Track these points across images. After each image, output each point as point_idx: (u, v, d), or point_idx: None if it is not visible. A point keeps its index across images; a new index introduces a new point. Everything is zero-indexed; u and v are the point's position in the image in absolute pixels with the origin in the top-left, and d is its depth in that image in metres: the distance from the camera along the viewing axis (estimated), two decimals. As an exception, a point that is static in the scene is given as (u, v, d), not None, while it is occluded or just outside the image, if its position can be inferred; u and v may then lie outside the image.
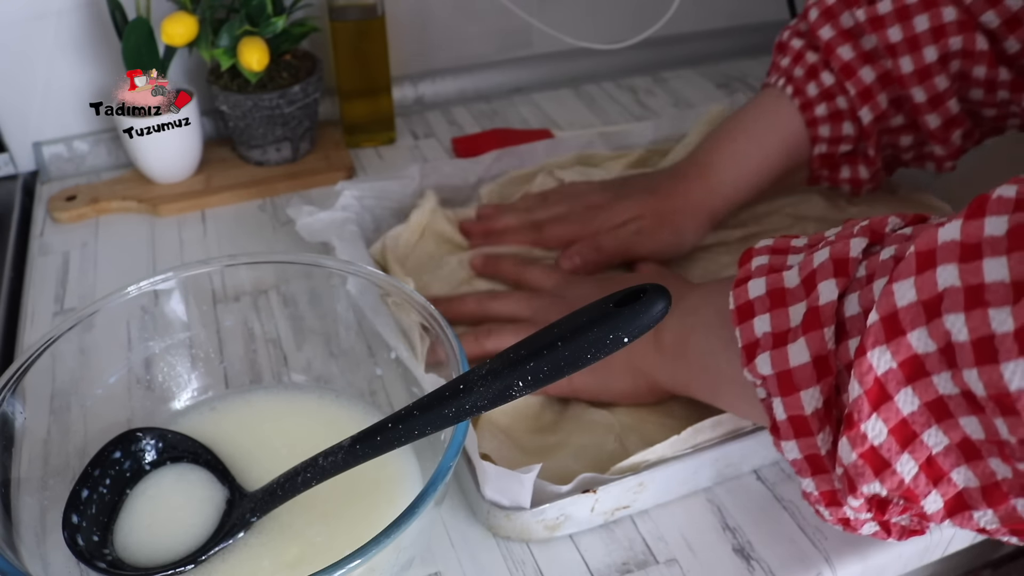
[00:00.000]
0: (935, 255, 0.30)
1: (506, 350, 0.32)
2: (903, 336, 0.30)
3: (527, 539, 0.44)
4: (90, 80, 0.72)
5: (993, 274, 0.29)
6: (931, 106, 0.55)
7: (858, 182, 0.61)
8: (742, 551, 0.43)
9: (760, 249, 0.40)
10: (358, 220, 0.61)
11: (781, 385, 0.35)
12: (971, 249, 0.29)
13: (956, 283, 0.29)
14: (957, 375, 0.30)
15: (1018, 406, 0.28)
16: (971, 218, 0.30)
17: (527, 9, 0.81)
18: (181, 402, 0.46)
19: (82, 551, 0.38)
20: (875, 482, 0.32)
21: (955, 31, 0.53)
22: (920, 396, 0.31)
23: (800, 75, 0.58)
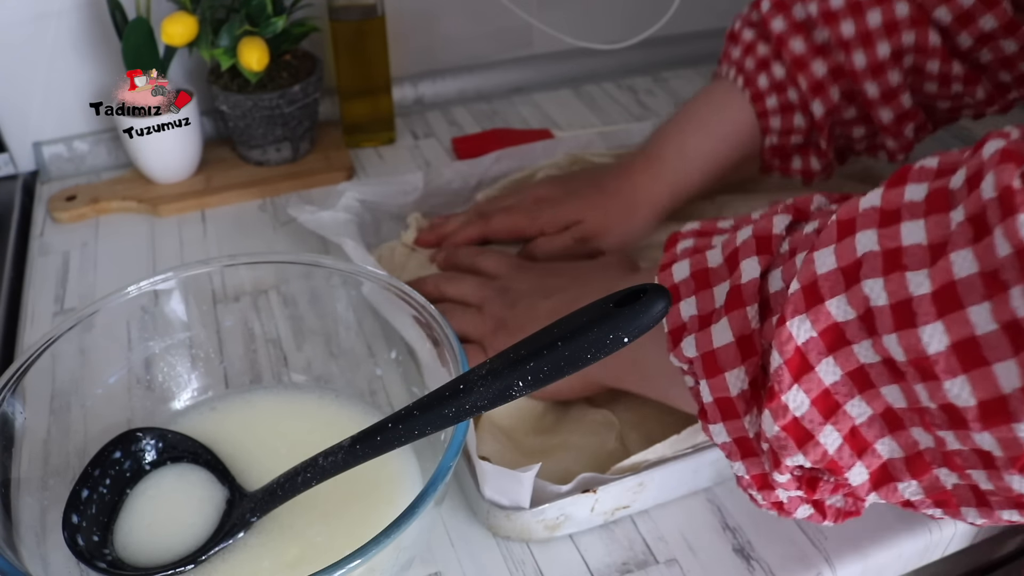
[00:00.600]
0: (855, 222, 0.30)
1: (506, 350, 0.32)
2: (822, 304, 0.30)
3: (527, 539, 0.44)
4: (90, 80, 0.72)
5: (911, 237, 0.28)
6: (884, 100, 0.55)
7: (809, 173, 0.61)
8: (742, 551, 0.43)
9: (686, 233, 0.40)
10: (359, 221, 0.61)
11: (706, 367, 0.35)
12: (890, 215, 0.29)
13: (875, 248, 0.29)
14: (877, 342, 0.29)
15: (936, 370, 0.28)
16: (892, 186, 0.30)
17: (527, 9, 0.81)
18: (181, 402, 0.46)
19: (82, 551, 0.38)
20: (798, 454, 0.32)
21: (908, 26, 0.53)
22: (841, 366, 0.30)
23: (751, 67, 0.58)
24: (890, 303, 0.28)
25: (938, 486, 0.32)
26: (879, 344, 0.29)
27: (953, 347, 0.27)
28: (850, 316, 0.30)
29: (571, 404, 0.50)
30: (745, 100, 0.58)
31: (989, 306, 0.26)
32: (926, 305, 0.28)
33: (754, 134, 0.59)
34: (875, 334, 0.29)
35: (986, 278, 0.26)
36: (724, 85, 0.60)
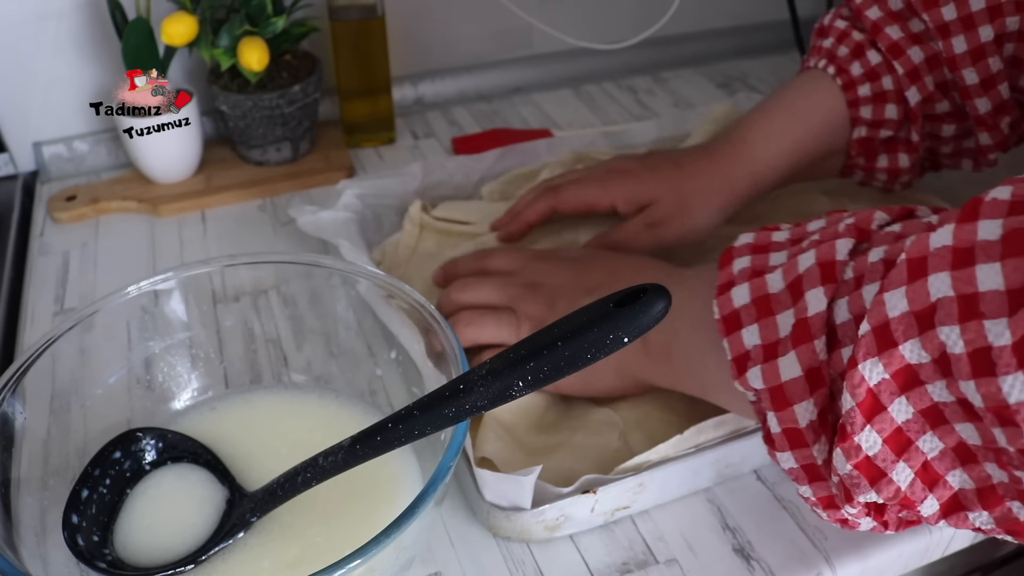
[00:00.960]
0: (927, 263, 0.30)
1: (506, 350, 0.32)
2: (895, 348, 0.30)
3: (527, 539, 0.43)
4: (90, 80, 0.72)
5: (988, 282, 0.28)
6: (983, 88, 0.53)
7: (896, 171, 0.58)
8: (742, 551, 0.43)
9: (740, 248, 0.39)
10: (360, 219, 0.61)
11: (774, 400, 0.34)
12: (964, 255, 0.28)
13: (949, 293, 0.28)
14: (952, 384, 0.29)
15: (1017, 418, 0.27)
16: (964, 222, 0.29)
17: (527, 9, 0.81)
18: (181, 402, 0.46)
19: (82, 551, 0.38)
20: (871, 492, 0.32)
21: (1012, 11, 0.51)
22: (914, 404, 0.30)
23: (844, 54, 0.56)
24: (967, 351, 0.28)
25: (1010, 517, 0.31)
26: (954, 386, 0.29)
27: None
28: (924, 360, 0.29)
29: (574, 402, 0.50)
30: (836, 88, 0.56)
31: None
32: (1007, 356, 0.27)
33: (843, 124, 0.57)
34: (950, 376, 0.29)
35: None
36: (814, 75, 0.57)
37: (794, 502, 0.45)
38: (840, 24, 0.58)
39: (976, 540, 0.47)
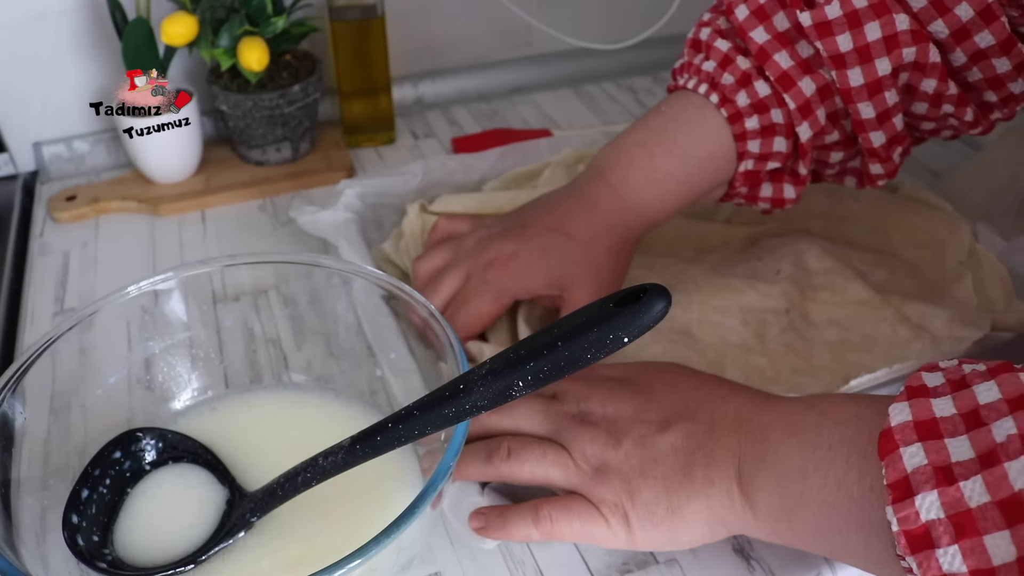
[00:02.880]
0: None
1: (506, 350, 0.32)
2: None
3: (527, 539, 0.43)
4: (90, 80, 0.72)
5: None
6: (878, 122, 0.50)
7: (780, 202, 0.55)
8: (742, 551, 0.43)
9: (902, 430, 0.31)
10: (360, 219, 0.61)
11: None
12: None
13: None
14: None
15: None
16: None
17: (527, 9, 0.81)
18: (181, 402, 0.46)
19: (82, 551, 0.38)
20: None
21: (909, 41, 0.48)
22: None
23: (730, 83, 0.51)
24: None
25: None
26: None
27: None
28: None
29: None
30: (720, 120, 0.51)
31: None
32: None
33: (730, 159, 0.52)
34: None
35: None
36: (694, 101, 0.52)
37: (794, 502, 0.45)
38: (722, 45, 0.52)
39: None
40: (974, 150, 0.75)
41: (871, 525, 0.32)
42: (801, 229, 0.62)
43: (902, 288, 0.56)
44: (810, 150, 0.52)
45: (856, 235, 0.61)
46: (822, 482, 0.34)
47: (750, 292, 0.54)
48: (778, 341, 0.53)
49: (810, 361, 0.52)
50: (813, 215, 0.63)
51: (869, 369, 0.48)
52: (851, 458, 0.34)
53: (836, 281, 0.55)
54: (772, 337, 0.53)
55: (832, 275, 0.55)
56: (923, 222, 0.60)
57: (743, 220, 0.63)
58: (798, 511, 0.36)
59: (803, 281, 0.55)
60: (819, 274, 0.55)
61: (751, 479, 0.37)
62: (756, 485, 0.37)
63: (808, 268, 0.56)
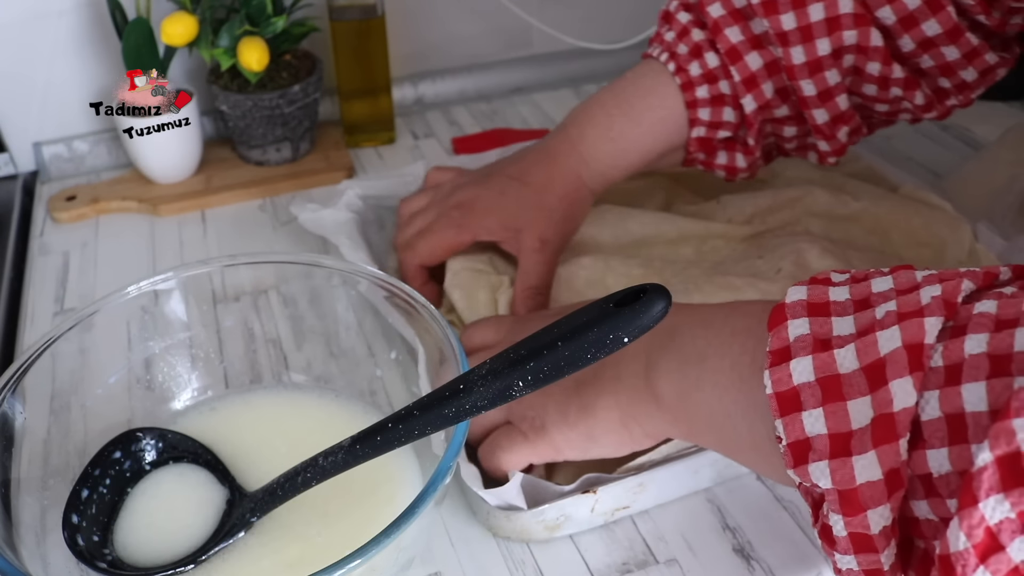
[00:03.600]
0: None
1: (506, 350, 0.32)
2: (1019, 476, 0.25)
3: (527, 539, 0.43)
4: (90, 80, 0.72)
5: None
6: (820, 100, 0.53)
7: (733, 170, 0.58)
8: (742, 551, 0.43)
9: (794, 307, 0.32)
10: (361, 219, 0.61)
11: (844, 502, 0.30)
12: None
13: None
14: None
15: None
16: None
17: (527, 9, 0.81)
18: (181, 402, 0.46)
19: (82, 551, 0.38)
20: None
21: (851, 24, 0.51)
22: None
23: (684, 52, 0.55)
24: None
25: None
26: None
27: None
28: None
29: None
30: (675, 88, 0.55)
31: None
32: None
33: (681, 124, 0.56)
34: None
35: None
36: (655, 68, 0.56)
37: (794, 502, 0.45)
38: (683, 17, 0.56)
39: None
40: (974, 150, 0.75)
41: (755, 407, 0.33)
42: (801, 228, 0.62)
43: (902, 288, 0.56)
44: (756, 122, 0.55)
45: (856, 234, 0.61)
46: (718, 365, 0.35)
47: (750, 291, 0.54)
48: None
49: (810, 361, 0.52)
50: (813, 214, 0.63)
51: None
52: (748, 342, 0.34)
53: (836, 280, 0.55)
54: (772, 337, 0.53)
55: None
56: (923, 222, 0.60)
57: (743, 219, 0.63)
58: (693, 395, 0.37)
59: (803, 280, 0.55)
60: (819, 273, 0.55)
61: (655, 367, 0.38)
62: (659, 371, 0.38)
63: (808, 267, 0.56)
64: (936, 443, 0.28)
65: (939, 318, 0.29)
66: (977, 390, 0.27)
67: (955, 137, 0.78)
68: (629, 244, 0.60)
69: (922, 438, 0.28)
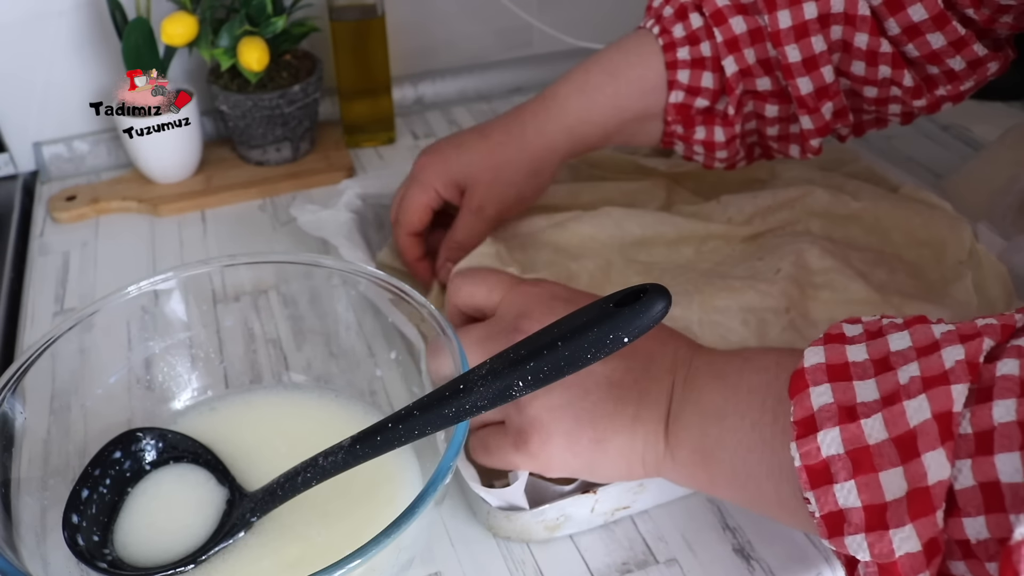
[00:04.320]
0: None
1: (506, 350, 0.32)
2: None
3: (527, 539, 0.43)
4: (90, 80, 0.72)
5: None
6: (805, 68, 0.52)
7: (712, 146, 0.57)
8: (742, 551, 0.43)
9: (814, 372, 0.32)
10: (361, 219, 0.61)
11: (883, 574, 0.29)
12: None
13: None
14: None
15: None
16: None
17: (527, 9, 0.81)
18: (181, 402, 0.46)
19: (82, 551, 0.38)
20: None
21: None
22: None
23: (669, 15, 0.55)
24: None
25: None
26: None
27: None
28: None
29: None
30: (657, 48, 0.55)
31: None
32: None
33: (660, 86, 0.56)
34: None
35: None
36: (640, 34, 0.57)
37: (794, 502, 0.45)
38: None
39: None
40: (974, 150, 0.75)
41: (781, 469, 0.33)
42: (802, 228, 0.62)
43: (902, 288, 0.56)
44: (736, 88, 0.55)
45: (856, 235, 0.61)
46: (738, 424, 0.35)
47: (750, 292, 0.54)
48: (778, 341, 0.53)
49: (810, 361, 0.52)
50: (814, 214, 0.63)
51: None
52: (767, 401, 0.34)
53: (836, 280, 0.55)
54: (772, 337, 0.53)
55: (832, 274, 0.55)
56: (923, 222, 0.60)
57: (743, 219, 0.63)
58: (715, 453, 0.36)
59: (803, 280, 0.55)
60: (819, 273, 0.55)
61: (676, 419, 0.38)
62: (680, 425, 0.38)
63: (808, 267, 0.56)
64: (972, 511, 0.27)
65: (965, 385, 0.29)
66: (1012, 460, 0.27)
67: (955, 137, 0.78)
68: (629, 244, 0.60)
69: (957, 506, 0.28)
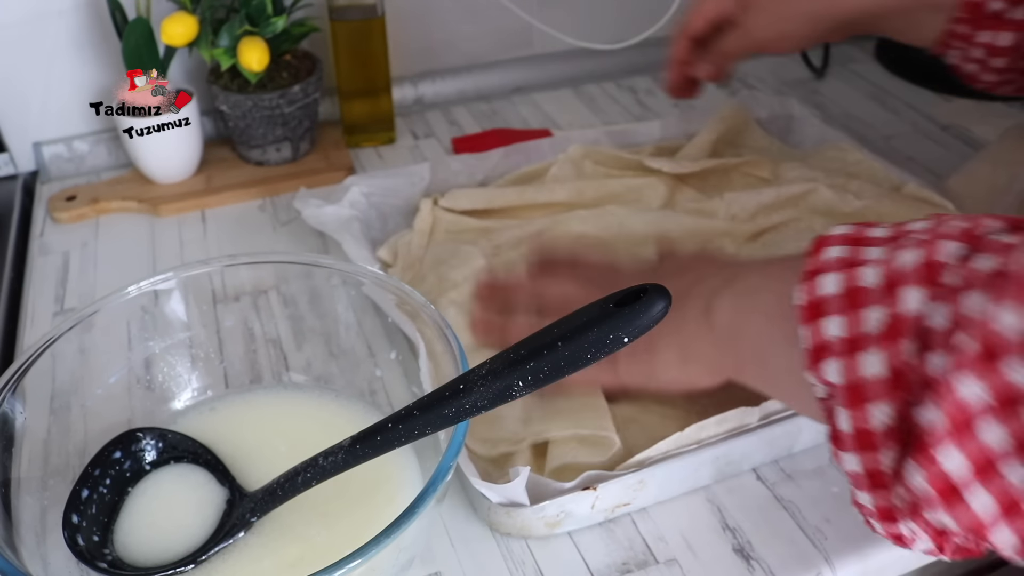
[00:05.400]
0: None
1: (506, 350, 0.32)
2: (997, 364, 0.28)
3: (527, 536, 0.44)
4: (90, 80, 0.72)
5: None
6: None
7: (994, 50, 0.55)
8: (742, 551, 0.43)
9: (834, 238, 0.35)
10: (364, 217, 0.61)
11: (849, 396, 0.32)
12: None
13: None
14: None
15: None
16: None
17: (527, 9, 0.81)
18: (181, 402, 0.46)
19: (82, 551, 0.38)
20: (940, 511, 0.30)
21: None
22: (1010, 428, 0.28)
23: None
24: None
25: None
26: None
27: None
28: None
29: (566, 393, 0.48)
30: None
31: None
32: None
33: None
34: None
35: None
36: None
37: (794, 502, 0.45)
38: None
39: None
40: (974, 150, 0.75)
41: (798, 338, 0.35)
42: (804, 226, 0.62)
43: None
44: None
45: (857, 233, 0.61)
46: (767, 297, 0.38)
47: (750, 292, 0.54)
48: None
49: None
50: (817, 212, 0.63)
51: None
52: (794, 276, 0.36)
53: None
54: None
55: (833, 273, 0.55)
56: (924, 221, 0.60)
57: (747, 216, 0.63)
58: (744, 327, 0.39)
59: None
60: None
61: (713, 304, 0.41)
62: (716, 306, 0.41)
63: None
64: (938, 346, 0.30)
65: (957, 243, 0.31)
66: (978, 299, 0.29)
67: (955, 137, 0.78)
68: (632, 242, 0.60)
69: (927, 343, 0.30)
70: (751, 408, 0.44)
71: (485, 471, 0.45)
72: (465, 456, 0.43)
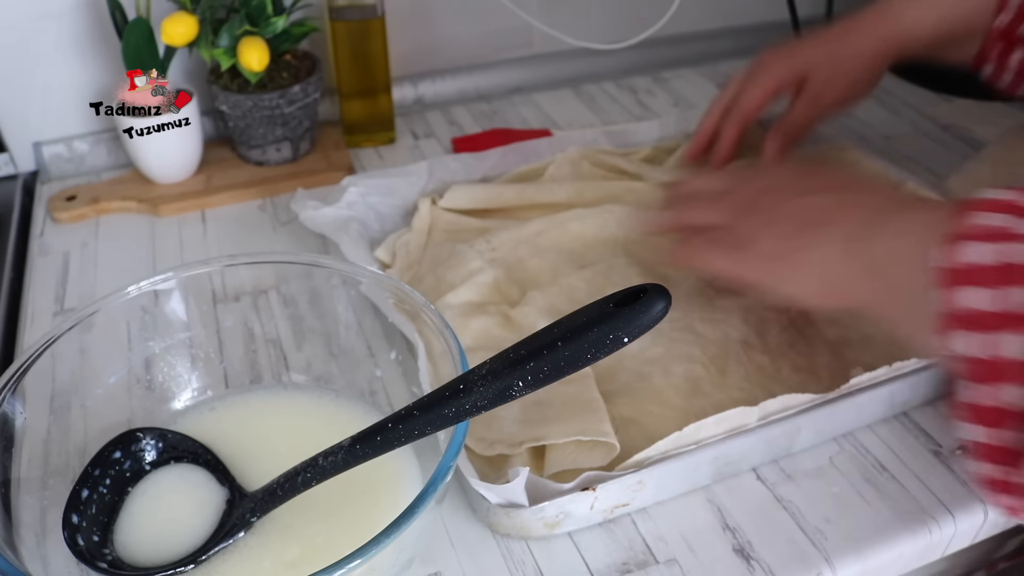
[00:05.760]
0: None
1: (506, 350, 0.32)
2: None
3: (527, 536, 0.44)
4: (90, 80, 0.72)
5: None
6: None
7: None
8: (742, 551, 0.43)
9: (992, 203, 0.34)
10: (362, 218, 0.61)
11: (983, 372, 0.31)
12: None
13: None
14: None
15: None
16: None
17: (527, 9, 0.81)
18: (181, 402, 0.46)
19: (82, 551, 0.38)
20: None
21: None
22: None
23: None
24: None
25: None
26: None
27: None
28: None
29: (565, 393, 0.49)
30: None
31: None
32: None
33: (990, 5, 0.57)
34: None
35: None
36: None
37: (794, 502, 0.45)
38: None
39: (975, 540, 0.47)
40: (974, 150, 0.75)
41: (927, 261, 0.35)
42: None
43: (902, 287, 0.56)
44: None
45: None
46: (912, 216, 0.39)
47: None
48: (779, 339, 0.53)
49: (811, 359, 0.52)
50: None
51: (869, 367, 0.48)
52: (940, 212, 0.37)
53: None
54: (773, 335, 0.53)
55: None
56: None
57: None
58: (898, 267, 0.39)
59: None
60: None
61: (861, 233, 0.42)
62: (865, 236, 0.42)
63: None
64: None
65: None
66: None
67: (955, 137, 0.78)
68: (631, 243, 0.60)
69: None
70: (750, 408, 0.44)
71: (482, 471, 0.45)
72: (464, 457, 0.43)
